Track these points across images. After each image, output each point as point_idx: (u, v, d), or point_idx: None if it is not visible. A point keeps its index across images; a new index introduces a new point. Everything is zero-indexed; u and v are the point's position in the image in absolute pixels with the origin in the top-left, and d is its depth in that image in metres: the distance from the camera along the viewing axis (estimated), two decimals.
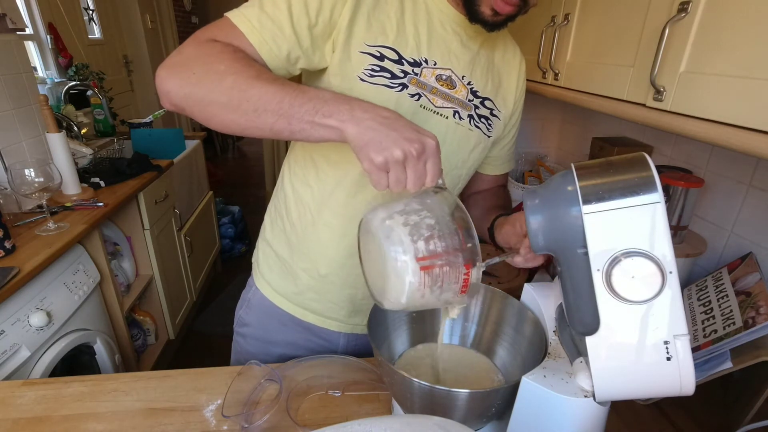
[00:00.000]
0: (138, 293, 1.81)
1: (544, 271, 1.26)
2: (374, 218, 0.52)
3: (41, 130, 1.61)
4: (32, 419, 0.71)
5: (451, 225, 0.51)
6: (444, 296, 0.52)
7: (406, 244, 0.49)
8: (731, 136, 0.58)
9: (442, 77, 0.70)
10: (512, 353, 0.66)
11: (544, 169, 1.69)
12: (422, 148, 0.51)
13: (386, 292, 0.52)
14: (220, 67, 0.55)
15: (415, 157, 0.50)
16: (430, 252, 0.49)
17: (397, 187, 0.51)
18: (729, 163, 0.98)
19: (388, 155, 0.50)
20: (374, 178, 0.51)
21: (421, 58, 0.68)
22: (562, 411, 0.49)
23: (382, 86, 0.66)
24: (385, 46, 0.65)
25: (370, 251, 0.55)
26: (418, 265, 0.49)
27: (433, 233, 0.50)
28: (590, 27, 0.91)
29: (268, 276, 0.87)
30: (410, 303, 0.51)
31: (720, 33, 0.60)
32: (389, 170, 0.51)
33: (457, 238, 0.51)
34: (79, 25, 2.51)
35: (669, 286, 0.43)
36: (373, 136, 0.50)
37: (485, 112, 0.76)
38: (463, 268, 0.51)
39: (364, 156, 0.51)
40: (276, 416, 0.71)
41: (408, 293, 0.49)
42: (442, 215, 0.52)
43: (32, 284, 1.16)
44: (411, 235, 0.49)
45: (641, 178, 0.44)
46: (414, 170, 0.51)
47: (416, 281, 0.49)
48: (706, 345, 0.72)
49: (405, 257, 0.48)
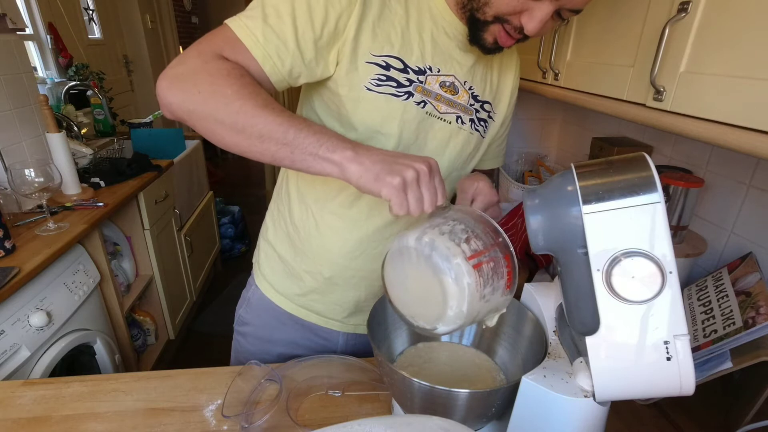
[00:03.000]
0: (138, 293, 1.81)
1: (544, 271, 1.26)
2: (407, 241, 0.53)
3: (41, 130, 1.61)
4: (32, 419, 0.71)
5: (479, 226, 0.54)
6: (494, 297, 0.53)
7: (452, 249, 0.50)
8: (731, 136, 0.58)
9: (446, 84, 0.70)
10: (512, 353, 0.66)
11: (544, 169, 1.69)
12: (429, 166, 0.53)
13: (445, 308, 0.51)
14: (228, 90, 0.55)
15: (427, 175, 0.53)
16: (474, 251, 0.51)
17: (418, 208, 0.52)
18: (729, 163, 0.98)
19: (402, 174, 0.51)
20: (396, 202, 0.52)
21: (426, 66, 0.68)
22: (562, 411, 0.49)
23: (389, 95, 0.66)
24: (391, 55, 0.66)
25: (409, 278, 0.55)
26: (470, 264, 0.49)
27: (469, 235, 0.52)
28: (590, 27, 0.91)
29: (270, 277, 0.87)
30: (471, 310, 0.51)
31: (720, 33, 0.60)
32: (406, 191, 0.52)
33: (490, 236, 0.53)
34: (79, 25, 2.51)
35: (669, 286, 0.43)
36: (382, 167, 0.53)
37: (484, 115, 0.77)
38: (504, 260, 0.52)
39: (381, 184, 0.52)
40: (276, 416, 0.71)
41: (468, 297, 0.49)
42: (467, 220, 0.54)
43: (32, 284, 1.16)
44: (452, 240, 0.51)
45: (641, 178, 0.44)
46: (428, 188, 0.53)
47: (473, 281, 0.49)
48: (706, 345, 0.72)
49: (457, 260, 0.49)
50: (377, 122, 0.68)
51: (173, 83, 0.57)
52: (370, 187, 0.53)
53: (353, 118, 0.68)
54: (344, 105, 0.67)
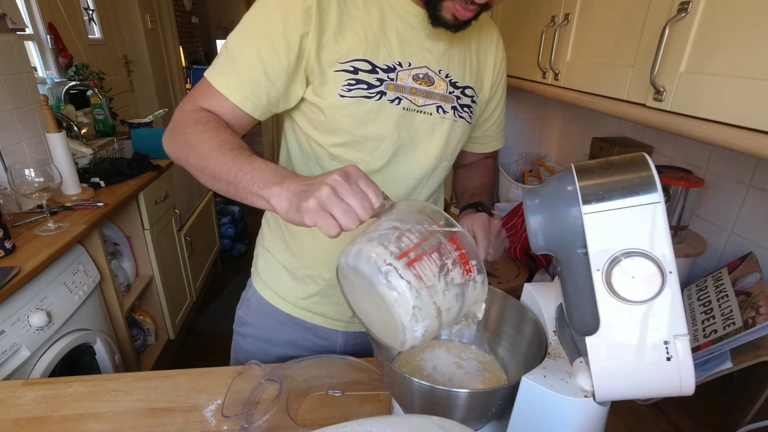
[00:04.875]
0: (138, 293, 1.81)
1: (544, 271, 1.26)
2: (346, 257, 0.49)
3: (41, 130, 1.61)
4: (32, 419, 0.71)
5: (417, 216, 0.49)
6: (455, 287, 0.48)
7: (380, 253, 0.46)
8: (731, 136, 0.58)
9: (419, 76, 0.70)
10: (512, 353, 0.66)
11: (544, 169, 1.69)
12: (345, 174, 0.50)
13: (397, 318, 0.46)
14: (192, 138, 0.62)
15: (343, 182, 0.49)
16: (406, 247, 0.46)
17: (350, 220, 0.48)
18: (729, 163, 0.98)
19: (315, 195, 0.48)
20: (322, 225, 0.48)
21: (395, 63, 0.68)
22: (562, 411, 0.49)
23: (361, 98, 0.67)
24: (357, 59, 0.66)
25: (358, 297, 0.52)
26: (402, 263, 0.45)
27: (401, 232, 0.47)
28: (590, 27, 0.91)
29: (271, 283, 0.88)
30: (428, 311, 0.46)
31: (720, 33, 0.59)
32: (329, 209, 0.48)
33: (426, 224, 0.48)
34: (79, 25, 2.51)
35: (669, 286, 0.43)
36: (299, 196, 0.50)
37: (466, 101, 0.77)
38: (450, 243, 0.48)
39: (302, 214, 0.49)
40: (276, 416, 0.71)
41: (414, 300, 0.45)
42: (405, 215, 0.50)
43: (32, 284, 1.16)
44: (381, 244, 0.46)
45: (641, 178, 0.44)
46: (352, 196, 0.48)
47: (412, 280, 0.45)
48: (706, 345, 0.72)
49: (386, 264, 0.45)
50: (355, 126, 0.69)
51: (166, 137, 0.67)
52: (296, 219, 0.50)
53: (333, 126, 0.70)
54: (323, 114, 0.69)
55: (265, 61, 0.64)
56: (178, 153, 0.65)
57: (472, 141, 0.90)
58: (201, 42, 5.56)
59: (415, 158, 0.75)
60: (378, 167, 0.74)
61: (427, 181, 0.79)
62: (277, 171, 0.55)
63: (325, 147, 0.73)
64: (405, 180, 0.76)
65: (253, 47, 0.64)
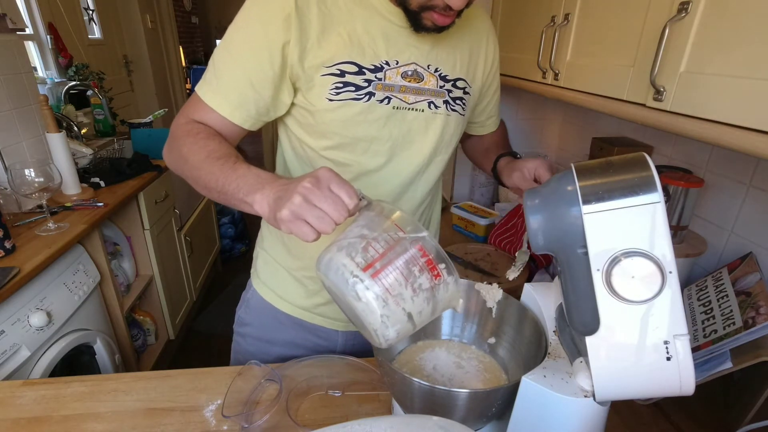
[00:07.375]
0: (138, 293, 1.81)
1: (544, 271, 1.26)
2: (319, 264, 0.51)
3: (41, 130, 1.61)
4: (32, 419, 0.71)
5: (385, 223, 0.50)
6: (425, 293, 0.49)
7: (347, 264, 0.47)
8: (731, 136, 0.58)
9: (408, 73, 0.70)
10: (512, 353, 0.66)
11: None
12: (315, 179, 0.50)
13: (368, 325, 0.49)
14: (184, 150, 0.65)
15: (313, 188, 0.49)
16: (372, 258, 0.48)
17: (325, 225, 0.49)
18: (729, 163, 0.98)
19: (287, 204, 0.49)
20: (298, 232, 0.50)
21: (382, 62, 0.68)
22: (562, 411, 0.49)
23: (349, 100, 0.67)
24: (343, 61, 0.66)
25: (335, 293, 0.53)
26: (368, 275, 0.47)
27: (368, 242, 0.48)
28: (590, 27, 0.91)
29: (272, 284, 0.88)
30: (397, 317, 0.48)
31: (720, 33, 0.60)
32: (303, 217, 0.49)
33: (393, 231, 0.49)
34: (79, 25, 2.51)
35: (669, 286, 0.43)
36: (276, 203, 0.52)
37: (458, 93, 0.76)
38: (416, 251, 0.49)
39: (279, 223, 0.51)
40: (276, 416, 0.71)
41: (381, 309, 0.47)
42: (374, 221, 0.51)
43: (32, 284, 1.16)
44: (348, 255, 0.48)
45: (641, 178, 0.44)
46: (324, 200, 0.49)
47: (379, 290, 0.47)
48: (706, 345, 0.72)
49: (352, 276, 0.47)
50: (345, 129, 0.69)
51: (165, 151, 0.71)
52: (275, 225, 0.52)
53: (323, 130, 0.70)
54: (313, 118, 0.70)
55: (249, 73, 0.65)
56: (175, 165, 0.69)
57: (477, 125, 0.92)
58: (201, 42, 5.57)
59: (410, 156, 0.75)
60: (373, 167, 0.74)
61: (422, 176, 0.78)
62: (259, 177, 0.56)
63: (318, 150, 0.73)
64: (399, 178, 0.76)
65: (237, 59, 0.66)
